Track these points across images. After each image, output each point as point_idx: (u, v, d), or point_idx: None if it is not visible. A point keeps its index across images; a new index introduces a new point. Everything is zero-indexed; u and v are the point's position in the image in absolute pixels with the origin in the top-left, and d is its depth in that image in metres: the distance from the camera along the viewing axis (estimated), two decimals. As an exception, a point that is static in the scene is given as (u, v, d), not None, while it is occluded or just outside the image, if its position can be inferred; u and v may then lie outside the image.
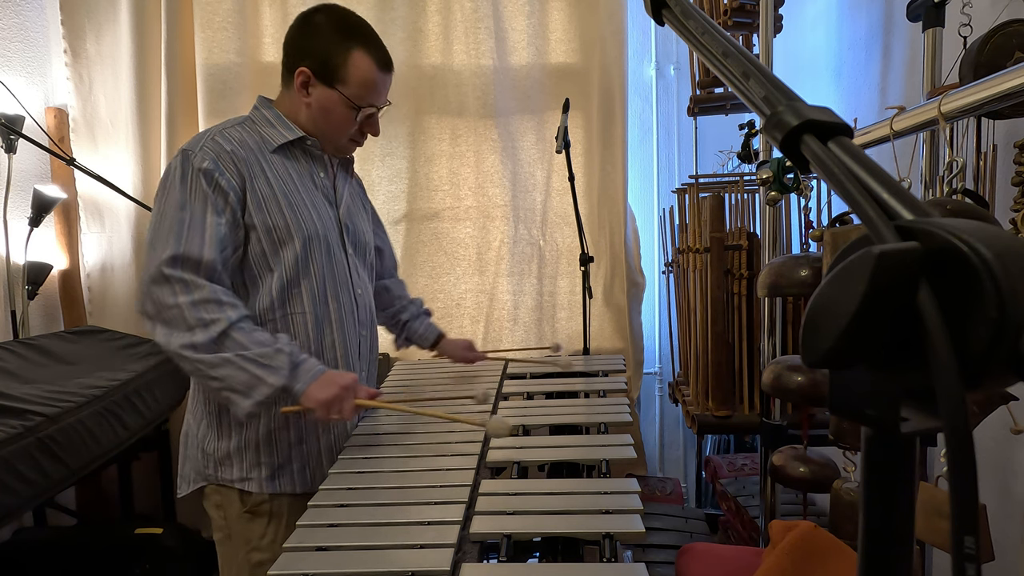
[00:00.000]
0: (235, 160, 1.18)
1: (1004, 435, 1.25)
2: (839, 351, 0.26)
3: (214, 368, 1.07)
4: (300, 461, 1.26)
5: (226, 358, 1.07)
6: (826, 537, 1.01)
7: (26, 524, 2.14)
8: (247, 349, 1.08)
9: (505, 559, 0.86)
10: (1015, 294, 0.23)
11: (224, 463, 1.23)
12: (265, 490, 1.22)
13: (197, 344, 1.06)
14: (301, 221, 1.22)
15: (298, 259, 1.22)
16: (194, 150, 1.15)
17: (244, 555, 1.22)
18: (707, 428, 2.04)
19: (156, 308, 1.09)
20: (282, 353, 1.11)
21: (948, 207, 0.90)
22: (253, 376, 1.07)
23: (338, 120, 1.27)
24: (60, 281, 2.44)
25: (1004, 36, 0.96)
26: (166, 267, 1.08)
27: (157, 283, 1.08)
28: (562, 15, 2.53)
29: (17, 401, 1.51)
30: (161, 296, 1.08)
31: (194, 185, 1.13)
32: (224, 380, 1.07)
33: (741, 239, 2.01)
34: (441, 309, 2.57)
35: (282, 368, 1.09)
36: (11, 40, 2.26)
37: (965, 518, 0.23)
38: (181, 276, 1.08)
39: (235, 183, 1.16)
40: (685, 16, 0.48)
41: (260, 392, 1.08)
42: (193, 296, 1.08)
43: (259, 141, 1.24)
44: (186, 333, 1.07)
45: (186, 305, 1.07)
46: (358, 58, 1.24)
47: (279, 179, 1.23)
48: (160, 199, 1.15)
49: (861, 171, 0.30)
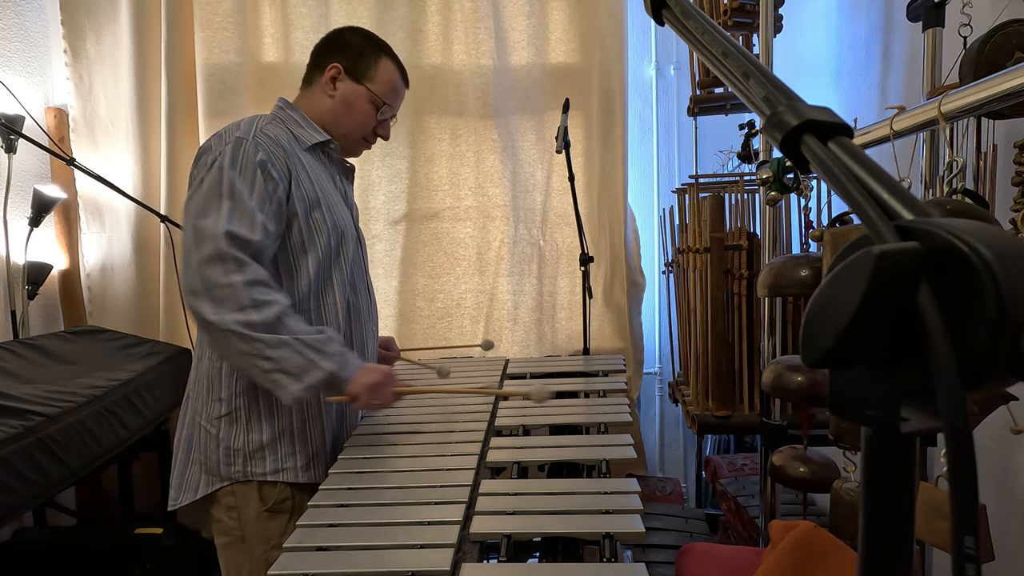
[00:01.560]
0: (285, 152, 1.22)
1: (1004, 435, 1.25)
2: (839, 351, 0.26)
3: (272, 348, 1.08)
4: (334, 451, 1.28)
5: (284, 339, 1.09)
6: (826, 537, 1.01)
7: (26, 524, 2.14)
8: (301, 334, 1.10)
9: (505, 559, 0.86)
10: (1015, 294, 0.23)
11: (256, 456, 1.22)
12: (301, 479, 1.24)
13: (254, 323, 1.07)
14: (335, 217, 1.29)
15: (331, 251, 1.27)
16: (247, 138, 1.19)
17: (261, 554, 1.21)
18: (707, 428, 2.04)
19: (207, 286, 1.09)
20: (334, 341, 1.15)
21: (948, 207, 0.90)
22: (308, 360, 1.09)
23: (359, 115, 1.35)
24: (60, 281, 2.44)
25: (1004, 36, 0.96)
26: (223, 244, 1.09)
27: (211, 261, 1.09)
28: (562, 15, 2.53)
29: (17, 401, 1.51)
30: (213, 274, 1.08)
31: (245, 171, 1.16)
32: (278, 361, 1.08)
33: (741, 239, 2.01)
34: (441, 309, 2.57)
35: (335, 355, 1.13)
36: (11, 40, 2.26)
37: (965, 518, 0.23)
38: (235, 255, 1.09)
39: (284, 174, 1.20)
40: (685, 16, 0.48)
41: (312, 376, 1.10)
42: (247, 276, 1.09)
43: (291, 139, 1.29)
44: (239, 312, 1.07)
45: (240, 284, 1.08)
46: (386, 64, 1.36)
47: (316, 176, 1.29)
48: (205, 180, 1.16)
49: (861, 171, 0.30)
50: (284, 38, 2.49)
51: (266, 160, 1.18)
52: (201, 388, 1.26)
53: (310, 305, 1.26)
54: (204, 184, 1.16)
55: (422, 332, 2.55)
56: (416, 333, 2.55)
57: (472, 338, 2.55)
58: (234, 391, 1.22)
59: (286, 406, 1.22)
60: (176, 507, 1.26)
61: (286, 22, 2.48)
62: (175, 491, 1.27)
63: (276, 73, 2.49)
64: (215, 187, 1.14)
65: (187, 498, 1.25)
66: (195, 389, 1.28)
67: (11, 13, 2.26)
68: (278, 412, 1.23)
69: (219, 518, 1.24)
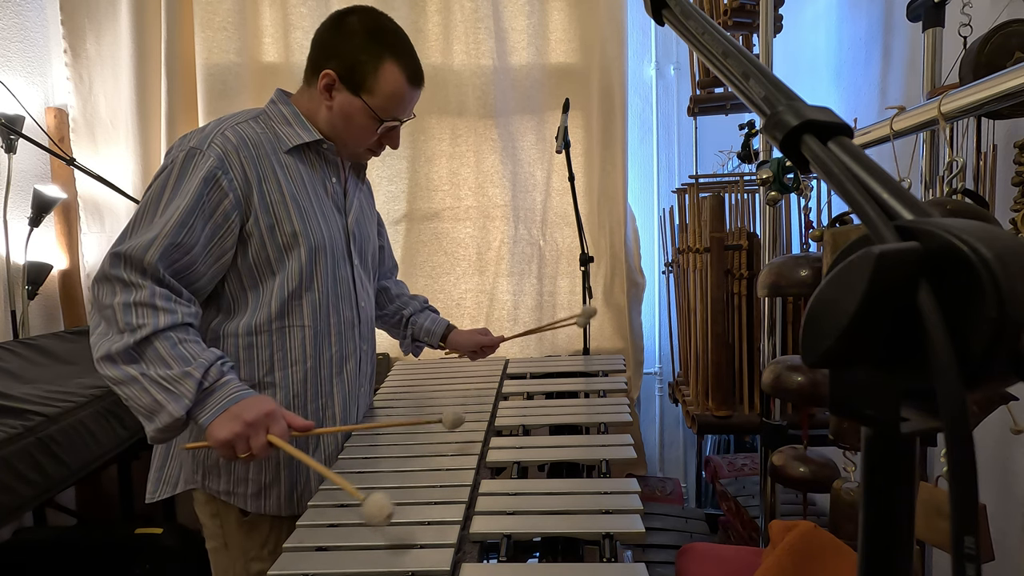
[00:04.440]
0: (243, 159, 1.10)
1: (1004, 435, 1.26)
2: (839, 351, 0.26)
3: (119, 385, 0.98)
4: (289, 483, 1.18)
5: (132, 376, 0.97)
6: (826, 537, 1.01)
7: (26, 524, 2.14)
8: (161, 364, 0.98)
9: (505, 559, 0.86)
10: (1015, 294, 0.23)
11: (212, 472, 1.17)
12: (249, 508, 1.16)
13: (113, 353, 0.97)
14: (309, 230, 1.16)
15: (302, 269, 1.15)
16: (201, 147, 1.08)
17: (243, 565, 1.18)
18: (707, 428, 2.04)
19: (96, 306, 1.01)
20: (191, 378, 0.97)
21: (948, 207, 0.90)
22: (155, 401, 0.96)
23: (358, 129, 1.21)
24: (60, 281, 2.44)
25: (1004, 36, 0.96)
26: (109, 265, 1.01)
27: (99, 280, 1.01)
28: (562, 15, 2.53)
29: (17, 401, 1.51)
30: (100, 294, 1.01)
31: (188, 184, 1.05)
32: (130, 400, 0.99)
33: (741, 239, 2.01)
34: (441, 309, 2.54)
35: (185, 396, 0.97)
36: (11, 40, 2.26)
37: (965, 518, 0.23)
38: (121, 275, 1.00)
39: (238, 184, 1.09)
40: (685, 16, 0.48)
41: (162, 419, 0.97)
42: (131, 297, 0.99)
43: (272, 139, 1.17)
44: (108, 340, 0.98)
45: (119, 306, 0.98)
46: (389, 70, 1.18)
47: (290, 182, 1.16)
48: (150, 188, 1.08)
49: (861, 171, 0.30)
50: (284, 38, 2.49)
51: (215, 168, 1.07)
52: None
53: (272, 327, 1.15)
54: (146, 192, 1.08)
55: (422, 332, 2.54)
56: (416, 333, 2.55)
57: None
58: None
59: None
60: (154, 500, 1.20)
61: (286, 22, 2.48)
62: (153, 484, 1.21)
63: (276, 73, 2.49)
64: (150, 200, 1.06)
65: (166, 492, 1.20)
66: None
67: (11, 13, 2.26)
68: None
69: (205, 522, 1.21)
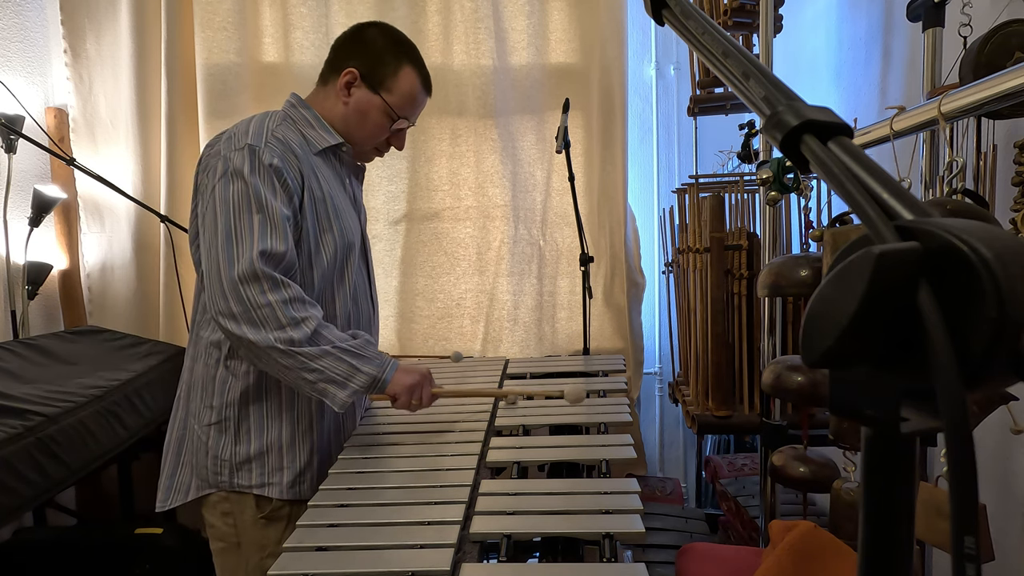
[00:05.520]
0: (296, 158, 1.18)
1: (1004, 435, 1.25)
2: (839, 351, 0.26)
3: (315, 360, 1.09)
4: (322, 467, 1.24)
5: (325, 350, 1.10)
6: (826, 537, 1.01)
7: (26, 524, 2.14)
8: (340, 340, 1.13)
9: (505, 559, 0.86)
10: (1015, 294, 0.23)
11: (242, 468, 1.20)
12: (285, 496, 1.21)
13: (295, 340, 1.08)
14: (343, 227, 1.25)
15: (336, 262, 1.25)
16: (259, 145, 1.14)
17: (257, 561, 1.20)
18: (707, 428, 2.04)
19: (244, 307, 1.07)
20: (371, 344, 1.18)
21: (948, 207, 0.90)
22: (351, 366, 1.12)
23: (372, 126, 1.30)
24: (60, 281, 2.44)
25: (1004, 36, 0.96)
26: (259, 263, 1.08)
27: (248, 280, 1.07)
28: (562, 15, 2.52)
29: (17, 401, 1.51)
30: (251, 294, 1.07)
31: (265, 180, 1.13)
32: (324, 371, 1.10)
33: (741, 239, 2.01)
34: (441, 309, 2.57)
35: (375, 358, 1.15)
36: (11, 40, 2.26)
37: (965, 518, 0.23)
38: (271, 273, 1.09)
39: (297, 182, 1.17)
40: (685, 16, 0.48)
41: (357, 381, 1.12)
42: (283, 294, 1.09)
43: (302, 142, 1.24)
44: (279, 331, 1.07)
45: (277, 303, 1.08)
46: (407, 73, 1.29)
47: (326, 182, 1.25)
48: (226, 192, 1.12)
49: (861, 171, 0.30)
50: (284, 38, 2.49)
51: (280, 167, 1.14)
52: (195, 391, 1.24)
53: None
54: (227, 196, 1.12)
55: (422, 332, 2.55)
56: (416, 333, 2.55)
57: (472, 338, 2.55)
58: (225, 400, 1.20)
59: (276, 420, 1.21)
60: (164, 509, 1.23)
61: (286, 22, 2.48)
62: (164, 492, 1.25)
63: (276, 73, 2.49)
64: (241, 199, 1.11)
65: (177, 500, 1.23)
66: (189, 391, 1.26)
67: (11, 13, 2.26)
68: (267, 426, 1.21)
69: (214, 523, 1.23)
